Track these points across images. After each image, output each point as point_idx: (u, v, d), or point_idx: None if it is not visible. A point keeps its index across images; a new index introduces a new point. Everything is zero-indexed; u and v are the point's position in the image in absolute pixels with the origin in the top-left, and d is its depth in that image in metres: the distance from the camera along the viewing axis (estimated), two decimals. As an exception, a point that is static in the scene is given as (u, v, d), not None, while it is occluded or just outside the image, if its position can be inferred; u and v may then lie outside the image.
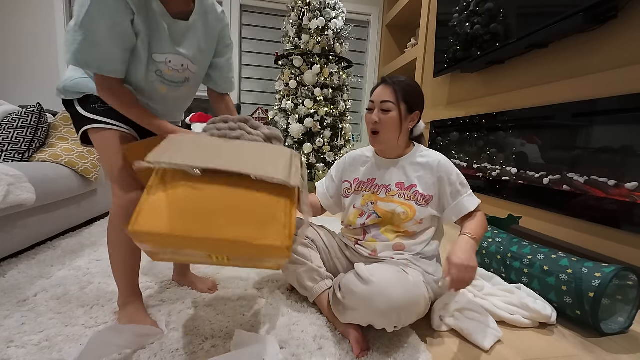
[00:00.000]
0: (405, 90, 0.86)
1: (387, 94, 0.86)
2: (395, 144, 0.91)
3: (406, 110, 0.87)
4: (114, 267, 0.82)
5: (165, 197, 0.55)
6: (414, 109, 0.88)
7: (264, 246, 0.53)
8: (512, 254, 1.09)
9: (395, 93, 0.86)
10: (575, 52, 1.39)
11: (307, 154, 2.61)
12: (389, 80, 0.88)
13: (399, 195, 0.90)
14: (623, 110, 1.15)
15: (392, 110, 0.86)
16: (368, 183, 0.96)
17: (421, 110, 0.91)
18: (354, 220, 0.96)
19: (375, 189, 0.94)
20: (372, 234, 0.93)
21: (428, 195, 0.88)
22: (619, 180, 1.13)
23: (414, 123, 0.91)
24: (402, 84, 0.87)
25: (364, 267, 0.77)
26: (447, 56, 2.16)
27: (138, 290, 0.85)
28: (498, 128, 1.74)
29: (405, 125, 0.88)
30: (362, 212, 0.95)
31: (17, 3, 2.88)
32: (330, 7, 2.63)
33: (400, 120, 0.87)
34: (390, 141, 0.90)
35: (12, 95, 2.71)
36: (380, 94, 0.88)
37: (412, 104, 0.87)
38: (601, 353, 0.83)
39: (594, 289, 0.85)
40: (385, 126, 0.87)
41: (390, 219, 0.90)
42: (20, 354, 0.69)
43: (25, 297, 0.91)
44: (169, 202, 0.55)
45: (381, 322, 0.73)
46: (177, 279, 1.05)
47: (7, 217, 1.09)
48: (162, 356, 0.70)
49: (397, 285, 0.72)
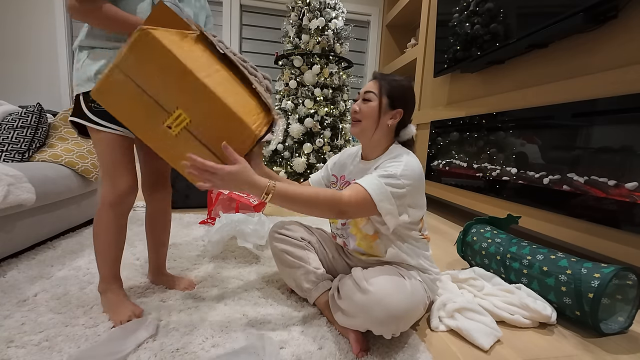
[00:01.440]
0: (391, 86, 0.85)
1: (371, 85, 0.87)
2: (371, 136, 0.87)
3: (387, 105, 0.85)
4: (99, 256, 0.87)
5: (182, 44, 0.66)
6: (397, 106, 0.85)
7: (240, 120, 0.65)
8: (512, 254, 1.09)
9: (379, 86, 0.85)
10: (575, 52, 1.39)
11: (307, 154, 2.61)
12: (378, 75, 0.88)
13: None
14: (623, 110, 1.14)
15: (372, 100, 0.85)
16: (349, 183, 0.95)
17: (406, 109, 0.86)
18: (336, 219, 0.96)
19: None
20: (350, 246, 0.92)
21: None
22: (619, 180, 1.13)
23: (395, 120, 0.86)
24: (389, 80, 0.86)
25: (361, 273, 0.77)
26: (447, 56, 2.16)
27: (119, 277, 0.90)
28: (498, 128, 1.74)
29: (384, 119, 0.85)
30: None
31: (17, 3, 2.89)
32: (330, 7, 2.63)
33: (379, 112, 0.85)
34: (367, 131, 0.86)
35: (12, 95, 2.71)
36: (367, 86, 0.88)
37: (395, 100, 0.85)
38: (601, 353, 0.83)
39: (593, 289, 0.85)
40: (363, 115, 0.86)
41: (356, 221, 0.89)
42: (20, 354, 0.69)
43: (25, 297, 0.91)
44: (182, 46, 0.65)
45: (379, 330, 0.72)
46: (152, 279, 1.06)
47: (7, 217, 1.09)
48: (162, 356, 0.70)
49: (395, 294, 0.71)
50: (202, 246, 1.40)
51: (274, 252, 1.00)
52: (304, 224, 1.06)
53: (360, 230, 0.88)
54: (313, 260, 0.95)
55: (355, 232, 0.89)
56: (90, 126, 0.80)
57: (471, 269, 1.19)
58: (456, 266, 1.33)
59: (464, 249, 1.33)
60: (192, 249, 1.37)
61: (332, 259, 1.01)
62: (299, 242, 0.97)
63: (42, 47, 2.98)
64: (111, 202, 0.83)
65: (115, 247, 0.87)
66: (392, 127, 0.87)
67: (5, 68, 2.92)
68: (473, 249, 1.26)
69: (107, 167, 0.82)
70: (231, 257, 1.30)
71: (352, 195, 0.74)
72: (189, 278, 1.08)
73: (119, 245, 0.88)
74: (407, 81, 0.88)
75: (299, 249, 0.96)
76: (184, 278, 1.07)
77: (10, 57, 2.92)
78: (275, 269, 1.19)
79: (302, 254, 0.95)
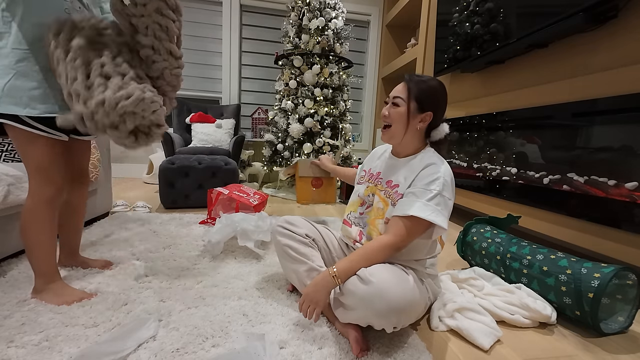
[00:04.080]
0: (420, 89, 0.85)
1: (400, 90, 0.87)
2: (401, 140, 0.88)
3: (416, 109, 0.85)
4: (36, 253, 0.91)
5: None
6: (426, 109, 0.85)
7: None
8: (512, 254, 1.09)
9: (407, 90, 0.85)
10: (575, 52, 1.39)
11: (307, 154, 2.61)
12: (408, 77, 0.87)
13: (385, 192, 0.89)
14: (623, 110, 1.14)
15: (401, 105, 0.85)
16: (375, 176, 0.96)
17: (436, 111, 0.86)
18: (355, 208, 0.97)
19: (377, 183, 0.94)
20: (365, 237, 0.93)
21: (400, 195, 0.84)
22: (619, 180, 1.13)
23: (425, 123, 0.86)
24: (418, 83, 0.85)
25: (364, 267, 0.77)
26: (447, 56, 2.16)
27: (58, 270, 0.95)
28: (498, 128, 1.74)
29: (414, 122, 0.85)
30: (363, 202, 0.96)
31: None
32: (330, 7, 2.63)
33: (408, 117, 0.85)
34: (397, 136, 0.88)
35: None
36: (395, 89, 0.88)
37: (424, 103, 0.85)
38: (601, 353, 0.83)
39: (593, 289, 0.85)
40: (392, 120, 0.87)
41: (375, 213, 0.90)
42: (20, 354, 0.69)
43: (25, 297, 0.91)
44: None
45: (380, 322, 0.73)
46: (65, 261, 1.12)
47: (7, 217, 1.09)
48: (162, 356, 0.70)
49: (396, 287, 0.72)
50: (202, 246, 1.40)
51: (278, 246, 0.99)
52: (309, 220, 1.05)
53: (376, 226, 0.89)
54: (316, 258, 0.95)
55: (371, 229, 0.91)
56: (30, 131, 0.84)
57: (471, 269, 1.19)
58: (456, 266, 1.34)
59: (464, 249, 1.33)
60: (192, 249, 1.37)
61: (335, 258, 1.01)
62: (304, 239, 0.97)
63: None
64: (49, 198, 0.88)
65: (54, 241, 0.93)
66: (422, 129, 0.87)
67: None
68: (473, 249, 1.27)
69: (44, 166, 0.87)
70: (231, 257, 1.30)
71: (397, 229, 0.78)
72: (104, 259, 1.17)
73: (54, 238, 0.94)
74: (436, 82, 0.87)
75: (303, 245, 0.96)
76: (99, 259, 1.16)
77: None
78: (276, 268, 1.19)
79: (306, 250, 0.95)
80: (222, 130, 2.98)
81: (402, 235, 0.77)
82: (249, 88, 3.62)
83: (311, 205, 2.49)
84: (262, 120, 3.47)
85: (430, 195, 0.77)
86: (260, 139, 3.39)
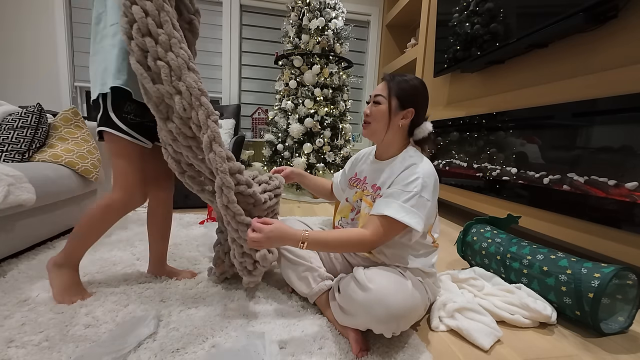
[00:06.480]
0: (400, 87, 0.85)
1: (381, 88, 0.87)
2: (383, 138, 0.88)
3: (397, 106, 0.85)
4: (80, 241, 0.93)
5: None
6: (407, 106, 0.85)
7: None
8: (512, 254, 1.09)
9: (388, 88, 0.86)
10: (575, 52, 1.39)
11: (307, 154, 2.61)
12: (388, 76, 0.88)
13: (371, 196, 0.89)
14: (623, 110, 1.14)
15: (382, 103, 0.86)
16: (362, 181, 0.96)
17: (417, 108, 0.85)
18: (346, 213, 0.98)
19: (364, 188, 0.94)
20: None
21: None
22: (619, 180, 1.13)
23: (407, 120, 0.86)
24: (399, 81, 0.86)
25: (362, 272, 0.77)
26: (447, 56, 2.16)
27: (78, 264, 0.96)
28: (498, 128, 1.74)
29: (395, 120, 0.85)
30: (353, 207, 0.96)
31: (17, 4, 2.89)
32: (330, 7, 2.63)
33: (389, 114, 0.85)
34: (378, 134, 0.88)
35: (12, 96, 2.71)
36: (376, 88, 0.89)
37: (405, 101, 0.84)
38: (601, 353, 0.83)
39: (594, 289, 0.85)
40: (373, 118, 0.87)
41: (363, 218, 0.89)
42: (20, 354, 0.69)
43: (25, 297, 0.91)
44: None
45: (380, 328, 0.72)
46: (153, 271, 1.10)
47: (7, 217, 1.09)
48: (162, 356, 0.70)
49: (396, 293, 0.71)
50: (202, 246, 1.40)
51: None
52: (305, 223, 1.06)
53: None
54: (314, 259, 0.95)
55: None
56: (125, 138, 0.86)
57: (471, 269, 1.19)
58: (456, 266, 1.33)
59: (464, 249, 1.33)
60: (192, 249, 1.37)
61: (333, 259, 1.01)
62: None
63: (43, 48, 2.98)
64: (126, 204, 0.90)
65: (97, 239, 0.96)
66: (405, 127, 0.87)
67: (5, 68, 2.92)
68: (473, 249, 1.27)
69: (128, 173, 0.89)
70: (231, 257, 1.30)
71: (374, 227, 0.77)
72: (190, 270, 1.14)
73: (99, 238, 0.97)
74: (417, 80, 0.87)
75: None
76: (185, 270, 1.14)
77: (10, 57, 2.92)
78: (276, 269, 1.19)
79: (304, 252, 0.95)
80: (222, 130, 2.98)
81: (379, 234, 0.77)
82: (249, 88, 3.62)
83: (311, 205, 2.49)
84: (262, 120, 3.47)
85: (407, 196, 0.77)
86: (260, 139, 3.39)
